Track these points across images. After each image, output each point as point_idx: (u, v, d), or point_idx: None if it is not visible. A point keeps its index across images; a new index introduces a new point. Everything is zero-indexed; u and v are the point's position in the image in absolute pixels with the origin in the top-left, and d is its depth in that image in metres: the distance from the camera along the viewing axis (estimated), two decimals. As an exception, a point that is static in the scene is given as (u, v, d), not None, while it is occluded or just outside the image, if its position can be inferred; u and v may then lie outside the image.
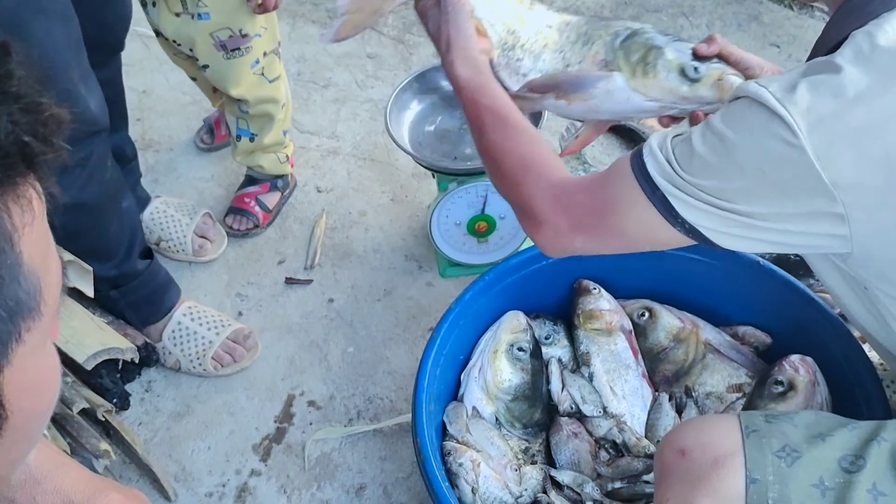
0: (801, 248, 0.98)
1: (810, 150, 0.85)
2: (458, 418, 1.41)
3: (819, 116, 0.86)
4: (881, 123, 0.86)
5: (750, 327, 1.56)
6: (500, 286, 1.51)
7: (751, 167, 0.90)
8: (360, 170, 2.09)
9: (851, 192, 0.87)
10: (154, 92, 2.32)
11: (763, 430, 1.00)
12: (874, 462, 0.96)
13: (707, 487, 0.97)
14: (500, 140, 1.12)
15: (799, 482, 0.95)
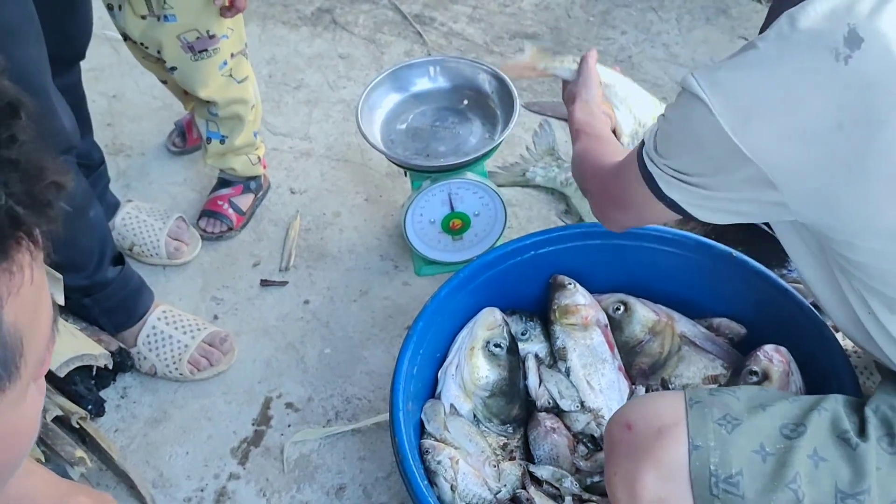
0: (756, 216, 1.06)
1: (727, 127, 0.93)
2: (435, 416, 1.41)
3: (732, 93, 0.94)
4: (794, 100, 0.91)
5: (725, 319, 1.57)
6: (475, 283, 1.52)
7: (690, 146, 1.01)
8: (334, 171, 2.09)
9: (773, 163, 0.93)
10: (124, 96, 2.30)
11: (706, 401, 1.04)
12: (814, 429, 1.00)
13: (651, 458, 1.01)
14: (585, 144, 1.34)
15: (740, 448, 0.99)
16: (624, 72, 1.61)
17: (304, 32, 2.51)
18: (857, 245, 0.97)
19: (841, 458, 0.98)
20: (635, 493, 1.01)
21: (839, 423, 1.01)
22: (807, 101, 0.90)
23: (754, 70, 0.93)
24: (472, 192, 1.68)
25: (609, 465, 1.08)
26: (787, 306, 1.47)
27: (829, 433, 1.00)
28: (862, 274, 1.01)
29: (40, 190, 0.50)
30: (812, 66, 0.90)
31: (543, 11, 2.56)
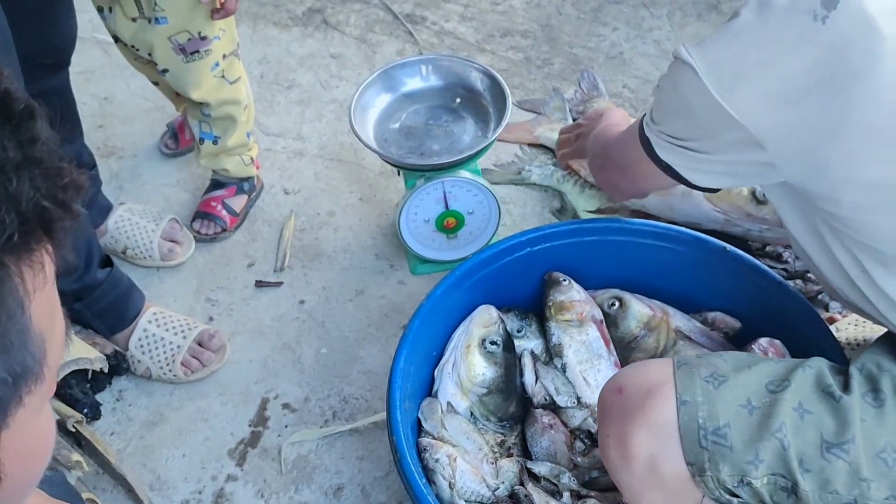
0: (748, 178, 1.16)
1: (713, 90, 0.99)
2: (432, 414, 1.41)
3: (717, 58, 1.00)
4: (776, 61, 0.96)
5: (719, 313, 1.57)
6: (470, 281, 1.52)
7: (680, 111, 1.07)
8: (328, 170, 2.09)
9: (759, 124, 0.99)
10: (115, 98, 2.29)
11: (693, 363, 1.08)
12: (798, 384, 1.04)
13: (642, 416, 1.04)
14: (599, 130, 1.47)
15: (726, 402, 1.03)
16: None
17: (296, 32, 2.51)
18: (841, 200, 1.02)
19: (825, 411, 1.01)
20: (628, 453, 1.04)
21: (823, 378, 1.05)
22: (788, 61, 0.96)
23: (738, 35, 0.99)
24: (466, 191, 1.68)
25: (602, 427, 1.12)
26: (781, 300, 1.47)
27: (814, 388, 1.03)
28: (849, 230, 1.05)
29: (62, 187, 0.51)
30: (792, 28, 0.95)
31: (535, 9, 2.56)
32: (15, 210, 0.48)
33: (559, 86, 2.25)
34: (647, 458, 1.03)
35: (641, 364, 1.16)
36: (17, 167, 0.48)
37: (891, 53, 0.93)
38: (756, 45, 0.98)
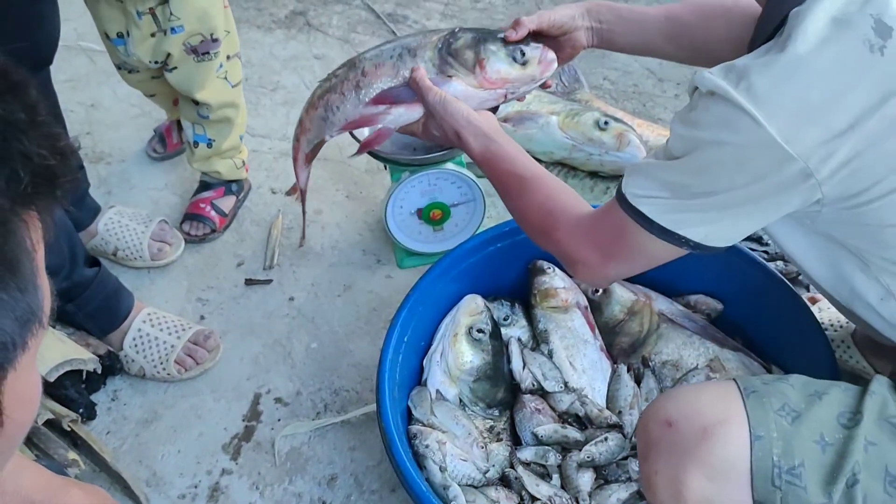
0: (783, 212, 1.03)
1: (778, 136, 0.91)
2: (422, 402, 1.44)
3: (776, 100, 0.91)
4: (839, 97, 0.90)
5: (701, 296, 1.61)
6: (456, 271, 1.54)
7: (728, 165, 0.96)
8: (314, 169, 2.09)
9: (818, 160, 0.92)
10: (102, 105, 2.32)
11: (762, 391, 1.01)
12: (868, 415, 0.98)
13: (697, 458, 0.97)
14: (524, 198, 1.23)
15: (801, 438, 0.97)
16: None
17: (279, 35, 2.54)
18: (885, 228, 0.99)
19: (890, 442, 0.97)
20: (681, 495, 0.98)
21: (887, 407, 1.00)
22: (851, 97, 0.90)
23: (793, 75, 0.91)
24: (451, 183, 1.71)
25: (648, 463, 1.04)
26: (763, 282, 1.50)
27: (878, 417, 0.99)
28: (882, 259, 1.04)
29: (61, 149, 0.55)
30: (850, 61, 0.91)
31: (514, 5, 2.59)
32: (28, 165, 0.52)
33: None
34: (702, 501, 0.97)
35: (691, 393, 1.08)
36: (26, 128, 0.53)
37: None
38: (816, 84, 0.91)
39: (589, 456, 1.38)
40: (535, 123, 1.93)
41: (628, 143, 1.87)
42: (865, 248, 1.05)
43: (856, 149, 0.92)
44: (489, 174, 1.28)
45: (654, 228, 1.03)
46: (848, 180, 0.94)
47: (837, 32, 0.91)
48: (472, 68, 1.34)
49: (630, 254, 1.10)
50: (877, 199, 0.96)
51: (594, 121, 1.90)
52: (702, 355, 1.51)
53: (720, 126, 0.95)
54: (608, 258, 1.13)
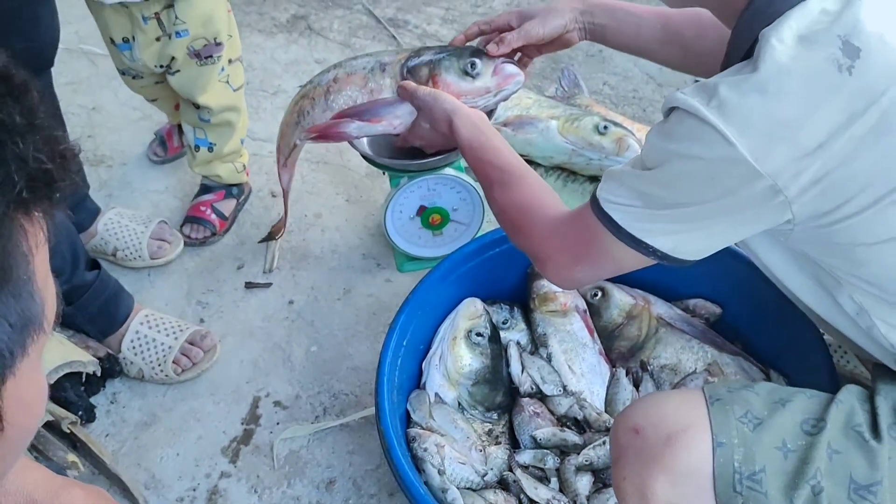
0: (753, 230, 1.03)
1: (748, 154, 0.91)
2: (421, 405, 1.44)
3: (745, 118, 0.91)
4: (807, 116, 0.90)
5: (700, 300, 1.61)
6: (455, 275, 1.55)
7: (698, 178, 0.96)
8: (314, 173, 2.12)
9: (788, 177, 0.92)
10: (104, 108, 2.32)
11: (726, 399, 1.03)
12: (832, 423, 1.00)
13: (661, 464, 0.99)
14: (504, 192, 1.23)
15: (763, 445, 0.98)
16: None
17: (280, 39, 2.54)
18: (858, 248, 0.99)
19: (855, 450, 0.98)
20: (647, 501, 1.00)
21: (853, 416, 1.01)
22: (820, 116, 0.90)
23: (763, 93, 0.92)
24: (450, 188, 1.71)
25: (617, 469, 1.07)
26: (759, 284, 1.49)
27: (844, 426, 1.00)
28: (856, 278, 1.04)
29: (61, 152, 0.55)
30: (819, 81, 0.90)
31: (515, 10, 2.59)
32: (23, 169, 0.52)
33: (539, 84, 2.28)
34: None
35: (657, 400, 1.10)
36: (23, 132, 0.53)
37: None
38: (785, 103, 0.91)
39: (587, 460, 1.38)
40: (535, 128, 1.93)
41: (628, 147, 1.87)
42: (838, 265, 1.05)
43: (825, 168, 0.92)
44: (473, 163, 1.29)
45: (623, 236, 1.04)
46: (818, 199, 0.95)
47: (805, 51, 0.91)
48: (427, 84, 1.39)
49: (598, 258, 1.10)
50: (847, 219, 0.96)
51: (594, 125, 1.90)
52: (700, 359, 1.52)
53: (691, 140, 0.95)
54: (576, 261, 1.13)
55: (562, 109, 1.99)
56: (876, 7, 0.93)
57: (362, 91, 1.43)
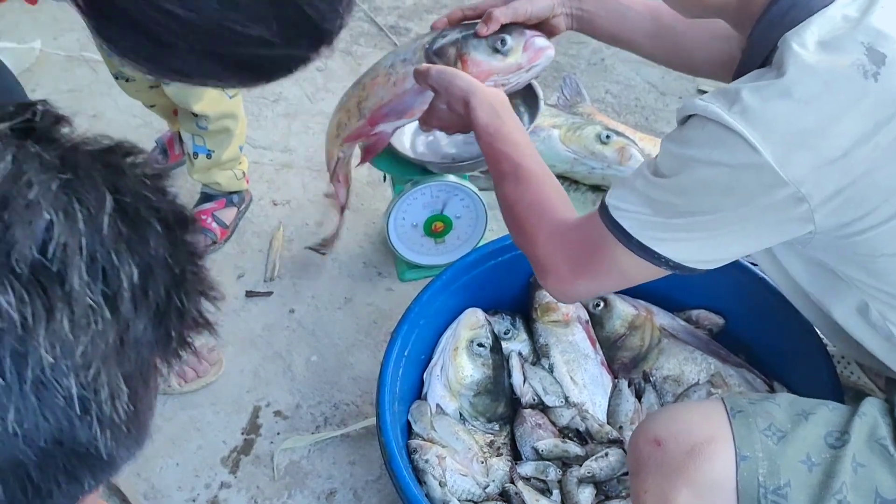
0: (772, 241, 1.01)
1: (771, 159, 0.89)
2: (422, 416, 1.43)
3: (769, 123, 0.89)
4: (832, 123, 0.89)
5: (703, 310, 1.60)
6: (457, 284, 1.54)
7: (718, 186, 0.93)
8: (315, 181, 2.11)
9: (814, 184, 0.90)
10: (104, 116, 2.32)
11: (748, 411, 1.02)
12: (857, 436, 0.99)
13: (685, 477, 0.98)
14: (514, 188, 1.17)
15: (787, 458, 0.98)
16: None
17: (282, 47, 2.54)
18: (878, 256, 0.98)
19: (880, 464, 0.97)
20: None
21: (877, 429, 1.00)
22: (845, 122, 0.89)
23: (787, 99, 0.90)
24: (454, 195, 1.70)
25: (637, 482, 1.05)
26: (763, 295, 1.49)
27: (867, 438, 0.99)
28: (874, 286, 1.02)
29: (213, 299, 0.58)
30: (844, 87, 0.89)
31: (517, 18, 2.59)
32: (181, 323, 0.53)
33: (542, 93, 2.27)
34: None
35: (679, 412, 1.09)
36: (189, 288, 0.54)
37: None
38: (810, 108, 0.89)
39: (589, 471, 1.37)
40: (537, 137, 1.93)
41: (630, 157, 1.87)
42: (857, 276, 1.04)
43: (849, 177, 0.90)
44: (487, 150, 1.23)
45: (633, 244, 1.00)
46: (841, 209, 0.93)
47: (830, 57, 0.90)
48: (454, 65, 1.33)
49: (602, 269, 1.05)
50: (869, 229, 0.95)
51: (596, 134, 1.90)
52: (703, 371, 1.51)
53: (713, 146, 0.93)
54: (577, 273, 1.08)
55: (564, 118, 1.99)
56: (893, 13, 0.92)
57: (386, 88, 1.39)
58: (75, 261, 0.46)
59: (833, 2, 0.94)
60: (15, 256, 0.45)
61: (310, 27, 0.81)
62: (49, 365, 0.45)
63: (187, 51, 0.79)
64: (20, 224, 0.45)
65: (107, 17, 0.77)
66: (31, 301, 0.45)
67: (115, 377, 0.49)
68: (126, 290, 0.49)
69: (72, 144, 0.52)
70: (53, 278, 0.46)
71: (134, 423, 0.51)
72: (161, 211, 0.53)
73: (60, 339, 0.46)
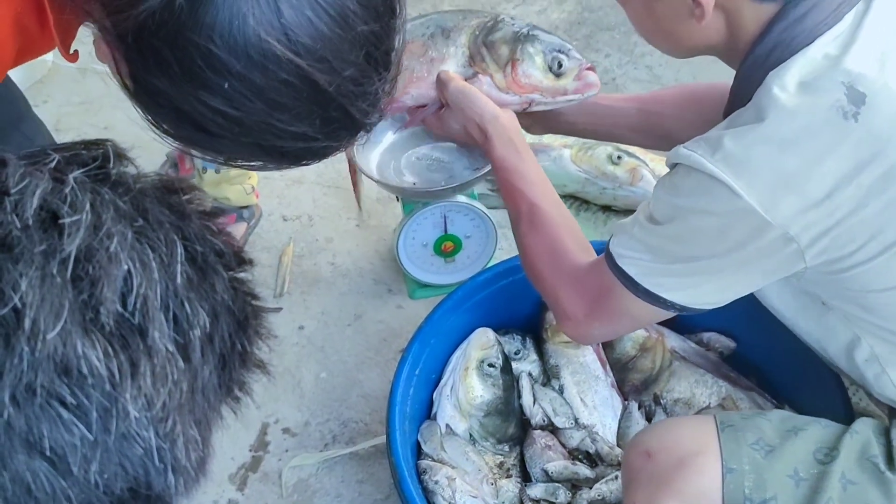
0: (768, 279, 1.03)
1: (757, 206, 0.91)
2: (432, 437, 1.43)
3: (753, 170, 0.91)
4: (814, 165, 0.90)
5: (714, 333, 1.60)
6: (468, 304, 1.54)
7: (710, 232, 0.96)
8: (325, 197, 2.11)
9: (801, 226, 0.92)
10: (115, 128, 2.32)
11: (738, 425, 1.04)
12: (846, 453, 1.00)
13: (672, 488, 1.00)
14: (530, 230, 1.21)
15: (774, 472, 0.99)
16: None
17: (293, 62, 2.54)
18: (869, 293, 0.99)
19: (870, 482, 0.98)
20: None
21: (869, 447, 1.01)
22: (826, 164, 0.90)
23: (768, 144, 0.91)
24: (464, 215, 1.70)
25: (629, 494, 1.08)
26: (774, 319, 1.48)
27: (858, 456, 1.00)
28: (869, 318, 1.04)
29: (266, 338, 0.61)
30: (825, 129, 0.90)
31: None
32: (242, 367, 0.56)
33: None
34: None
35: (671, 425, 1.12)
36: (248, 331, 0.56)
37: None
38: (792, 152, 0.90)
39: (599, 494, 1.36)
40: (548, 156, 1.93)
41: (641, 178, 1.87)
42: (849, 310, 1.05)
43: (834, 218, 0.92)
44: (503, 185, 1.26)
45: (640, 291, 1.03)
46: (829, 248, 0.94)
47: (809, 99, 0.91)
48: (503, 66, 1.27)
49: (614, 314, 1.09)
50: (858, 265, 0.96)
51: (607, 155, 1.90)
52: (714, 394, 1.50)
53: (699, 195, 0.95)
54: (592, 317, 1.12)
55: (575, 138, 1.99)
56: (873, 50, 0.92)
57: (422, 59, 1.28)
58: (155, 313, 0.47)
59: (815, 40, 0.94)
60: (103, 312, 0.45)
61: (351, 124, 0.86)
62: (133, 419, 0.46)
63: (232, 140, 0.84)
64: (106, 278, 0.46)
65: (156, 104, 0.81)
66: (115, 355, 0.46)
67: (188, 426, 0.50)
68: (197, 339, 0.50)
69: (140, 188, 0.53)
70: (135, 331, 0.47)
71: (201, 468, 0.53)
72: (224, 256, 0.54)
73: (144, 392, 0.47)
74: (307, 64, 0.79)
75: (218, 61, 0.78)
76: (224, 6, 0.76)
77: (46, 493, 0.46)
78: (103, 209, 0.48)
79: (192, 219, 0.54)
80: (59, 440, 0.45)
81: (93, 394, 0.45)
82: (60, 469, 0.46)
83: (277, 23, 0.77)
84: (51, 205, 0.47)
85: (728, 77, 1.09)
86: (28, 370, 0.44)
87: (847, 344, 1.10)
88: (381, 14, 0.84)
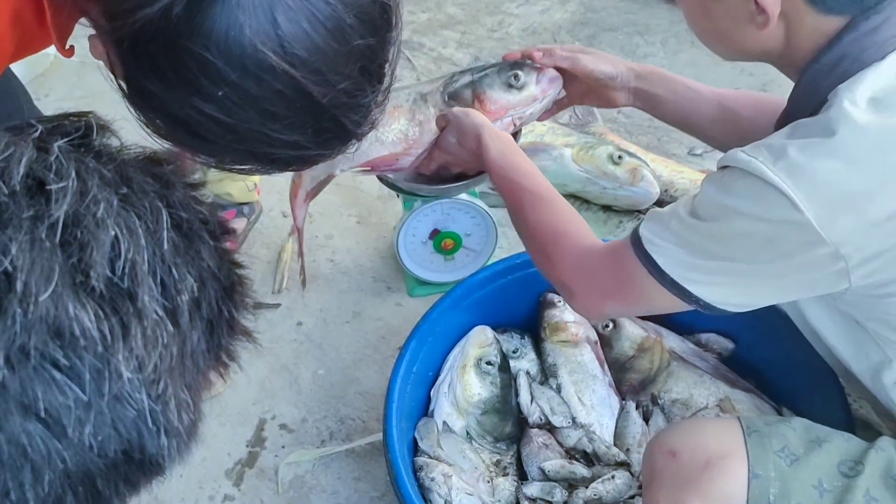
0: (806, 294, 1.03)
1: (814, 221, 0.88)
2: (429, 434, 1.42)
3: (815, 183, 0.89)
4: (879, 185, 0.88)
5: (713, 334, 1.59)
6: (467, 302, 1.54)
7: (756, 238, 0.94)
8: (325, 194, 2.08)
9: (856, 246, 0.90)
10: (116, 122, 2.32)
11: (763, 431, 1.03)
12: (871, 469, 0.98)
13: (698, 489, 0.99)
14: (536, 216, 1.21)
15: (799, 481, 0.98)
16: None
17: (295, 59, 2.54)
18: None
19: (893, 501, 0.97)
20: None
21: (893, 465, 1.00)
22: (891, 185, 0.88)
23: (835, 160, 0.89)
24: (464, 213, 1.70)
25: (650, 492, 1.06)
26: (774, 321, 1.48)
27: (884, 475, 0.99)
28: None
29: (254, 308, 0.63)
30: (893, 150, 0.88)
31: (531, 36, 2.60)
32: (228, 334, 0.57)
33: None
34: None
35: (696, 426, 1.10)
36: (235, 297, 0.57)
37: None
38: (859, 170, 0.88)
39: (596, 494, 1.36)
40: (549, 156, 1.93)
41: (641, 178, 1.87)
42: (885, 333, 1.04)
43: (891, 239, 0.90)
44: (501, 182, 1.27)
45: (666, 281, 1.01)
46: (878, 270, 0.93)
47: (881, 117, 0.89)
48: (472, 105, 1.40)
49: (632, 297, 1.08)
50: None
51: (608, 154, 1.90)
52: (712, 395, 1.50)
53: (752, 200, 0.92)
54: (607, 297, 1.11)
55: (576, 137, 1.99)
56: None
57: (412, 123, 1.44)
58: (143, 277, 0.48)
59: (886, 55, 0.92)
60: (93, 275, 0.46)
61: (343, 134, 0.88)
62: (126, 380, 0.47)
63: (224, 146, 0.85)
64: (94, 242, 0.46)
65: (149, 107, 0.82)
66: (106, 318, 0.46)
67: (179, 389, 0.51)
68: (185, 304, 0.50)
69: (123, 158, 0.54)
70: (124, 294, 0.48)
71: (192, 431, 0.54)
72: (209, 223, 0.54)
73: (136, 354, 0.47)
74: (301, 75, 0.80)
75: (213, 70, 0.79)
76: (221, 16, 0.77)
77: (42, 456, 0.46)
78: (89, 176, 0.49)
79: (177, 187, 0.55)
80: (53, 402, 0.46)
81: (85, 356, 0.46)
82: (55, 431, 0.46)
83: (273, 34, 0.78)
84: (36, 172, 0.48)
85: (733, 84, 1.08)
86: (21, 332, 0.44)
87: (876, 364, 1.09)
88: (378, 28, 0.85)
